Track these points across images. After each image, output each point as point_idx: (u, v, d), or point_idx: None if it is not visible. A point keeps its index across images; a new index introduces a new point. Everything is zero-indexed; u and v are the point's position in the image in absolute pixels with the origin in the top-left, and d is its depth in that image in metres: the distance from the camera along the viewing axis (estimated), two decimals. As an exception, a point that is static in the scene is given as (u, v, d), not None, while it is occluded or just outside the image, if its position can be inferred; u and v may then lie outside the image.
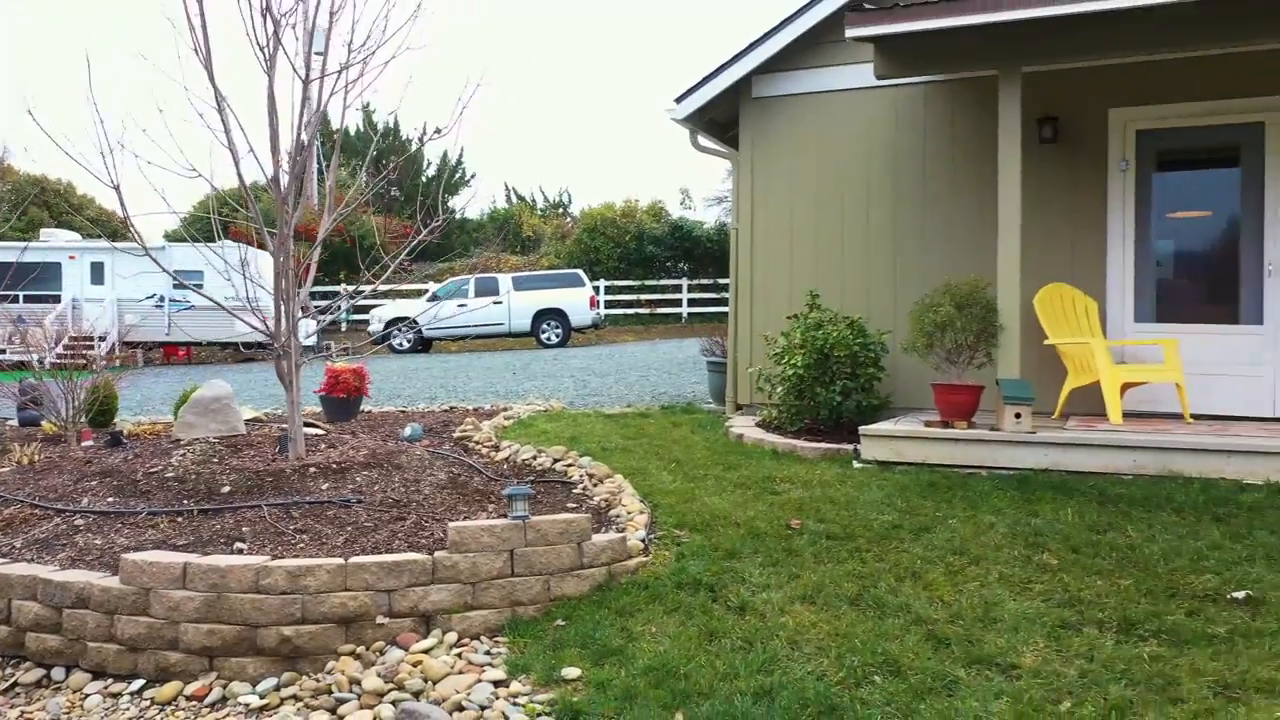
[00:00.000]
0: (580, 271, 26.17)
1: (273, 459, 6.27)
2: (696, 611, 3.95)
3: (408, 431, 7.52)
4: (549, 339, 24.42)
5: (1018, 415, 5.94)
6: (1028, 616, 3.65)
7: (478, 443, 7.43)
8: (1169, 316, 7.49)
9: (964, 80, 7.70)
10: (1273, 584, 3.80)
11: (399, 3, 7.07)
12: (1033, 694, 3.10)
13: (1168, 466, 5.60)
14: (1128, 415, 6.97)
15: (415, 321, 24.08)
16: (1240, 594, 3.71)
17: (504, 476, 6.31)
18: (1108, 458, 5.73)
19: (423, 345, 24.23)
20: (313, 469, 5.90)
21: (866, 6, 6.07)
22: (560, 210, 42.30)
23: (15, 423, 8.79)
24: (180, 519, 5.22)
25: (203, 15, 5.66)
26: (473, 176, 43.98)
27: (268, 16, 5.95)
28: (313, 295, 24.79)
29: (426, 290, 27.51)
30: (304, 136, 6.07)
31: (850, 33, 6.09)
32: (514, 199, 42.61)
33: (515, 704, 3.38)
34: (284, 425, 7.90)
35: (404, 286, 28.27)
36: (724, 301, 29.58)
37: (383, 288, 28.14)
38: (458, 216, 36.78)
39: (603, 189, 63.86)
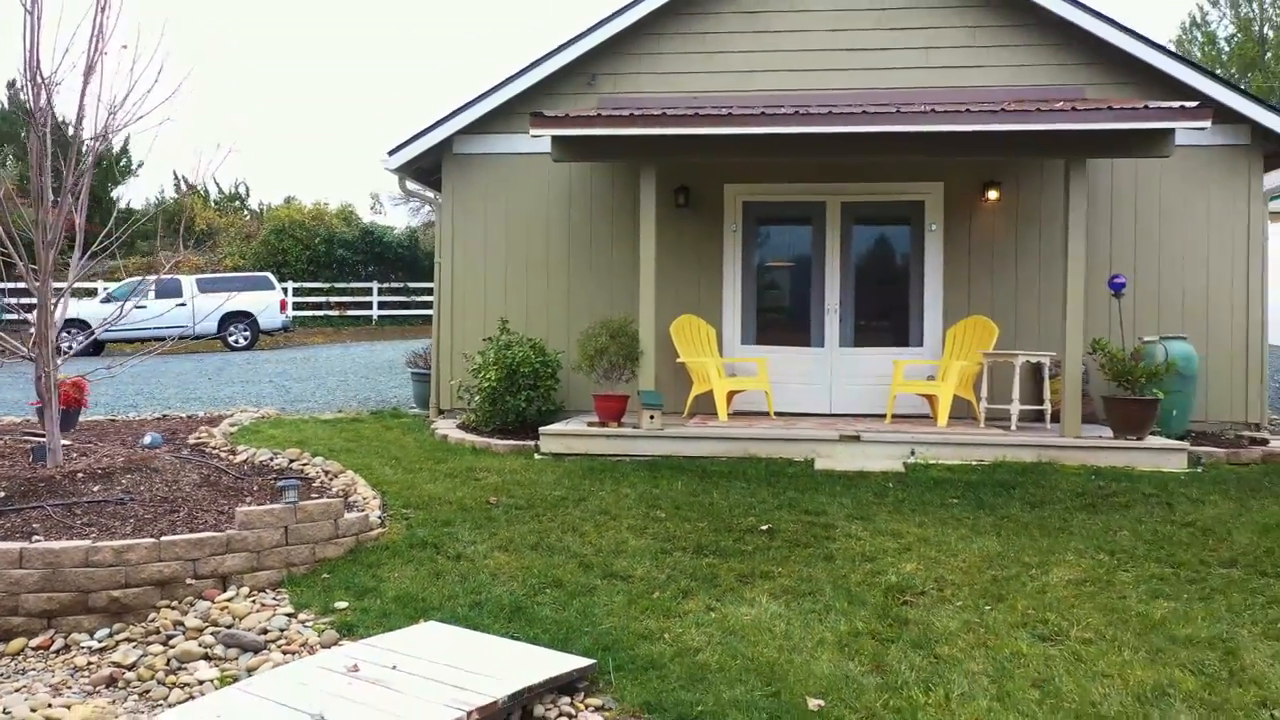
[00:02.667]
0: (270, 274, 26.27)
1: (32, 466, 7.15)
2: (426, 561, 5.68)
3: (148, 439, 8.48)
4: (236, 342, 24.42)
5: (651, 417, 8.20)
6: (642, 549, 5.75)
7: (214, 448, 8.56)
8: (764, 340, 10.16)
9: (620, 156, 9.93)
10: (785, 520, 6.20)
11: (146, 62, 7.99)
12: (638, 590, 5.16)
13: (748, 451, 8.07)
14: (734, 414, 9.50)
15: (87, 324, 23.19)
16: (765, 527, 6.06)
17: (249, 476, 7.59)
18: (710, 446, 8.13)
19: (95, 348, 23.32)
20: (80, 474, 6.90)
21: (546, 114, 8.07)
22: (237, 204, 41.06)
23: None
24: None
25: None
26: (139, 165, 41.50)
27: (34, 83, 6.89)
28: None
29: (95, 289, 26.40)
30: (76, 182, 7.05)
31: (533, 132, 8.07)
32: (184, 188, 40.73)
33: (305, 625, 4.94)
34: (15, 435, 8.55)
35: (72, 285, 26.74)
36: (413, 305, 30.83)
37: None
38: (122, 207, 34.88)
39: (284, 183, 61.97)
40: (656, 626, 4.69)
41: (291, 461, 7.98)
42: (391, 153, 10.07)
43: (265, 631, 4.88)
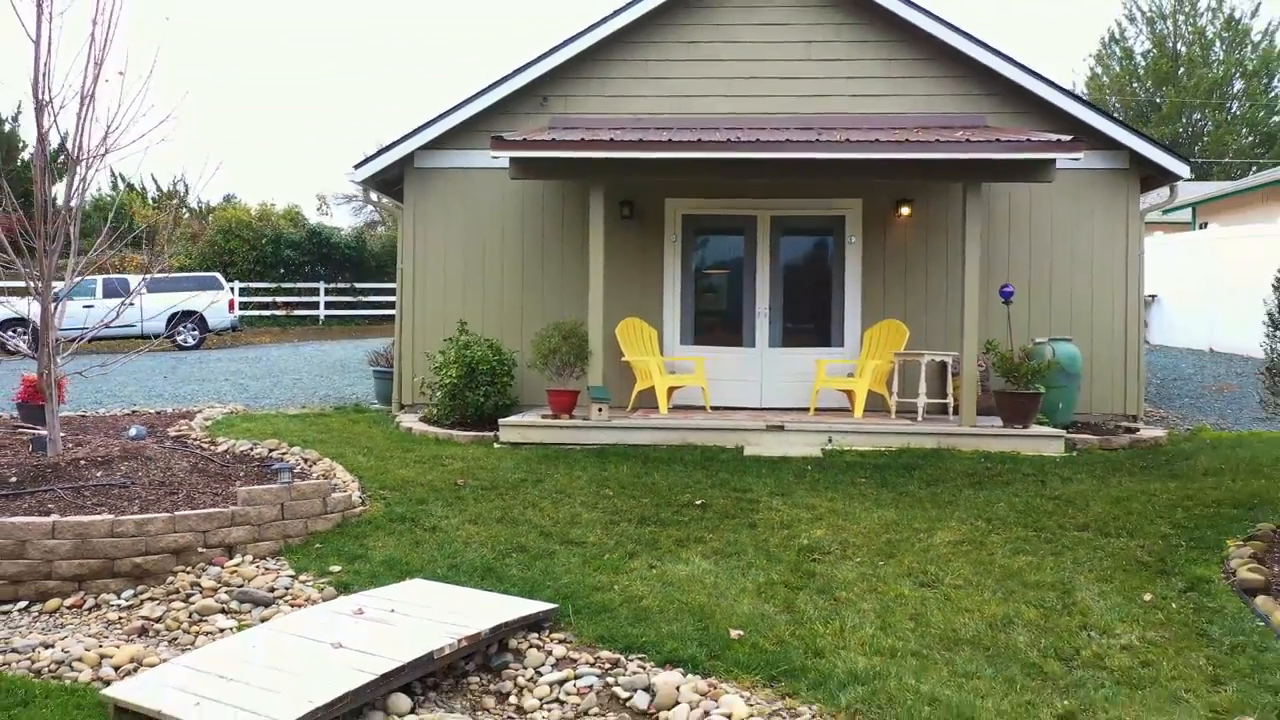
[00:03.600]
0: (218, 275, 26.63)
1: (34, 456, 7.83)
2: (405, 533, 6.53)
3: (133, 432, 9.16)
4: (185, 341, 24.77)
5: (600, 409, 9.12)
6: (594, 520, 6.68)
7: (196, 440, 9.27)
8: (702, 341, 11.14)
9: (570, 173, 10.85)
10: (717, 496, 7.18)
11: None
12: (591, 553, 6.08)
13: (686, 440, 9.05)
14: (674, 408, 10.47)
15: (31, 321, 23.43)
16: (699, 502, 7.03)
17: (233, 464, 8.33)
18: (652, 436, 9.08)
19: (33, 347, 23.41)
20: (81, 461, 7.61)
21: (505, 138, 8.96)
22: (176, 201, 40.93)
23: None
24: (-19, 502, 6.79)
25: None
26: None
27: (39, 108, 7.59)
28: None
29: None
30: (73, 203, 7.75)
31: (493, 154, 8.96)
32: (121, 185, 40.53)
33: (307, 585, 5.76)
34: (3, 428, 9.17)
35: (11, 284, 26.98)
36: (360, 305, 31.33)
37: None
38: (58, 204, 34.84)
39: (223, 182, 61.47)
40: (607, 580, 5.63)
41: (271, 451, 8.74)
42: (357, 166, 10.85)
43: (273, 590, 5.71)
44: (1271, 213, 18.47)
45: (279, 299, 30.81)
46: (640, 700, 4.33)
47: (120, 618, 5.52)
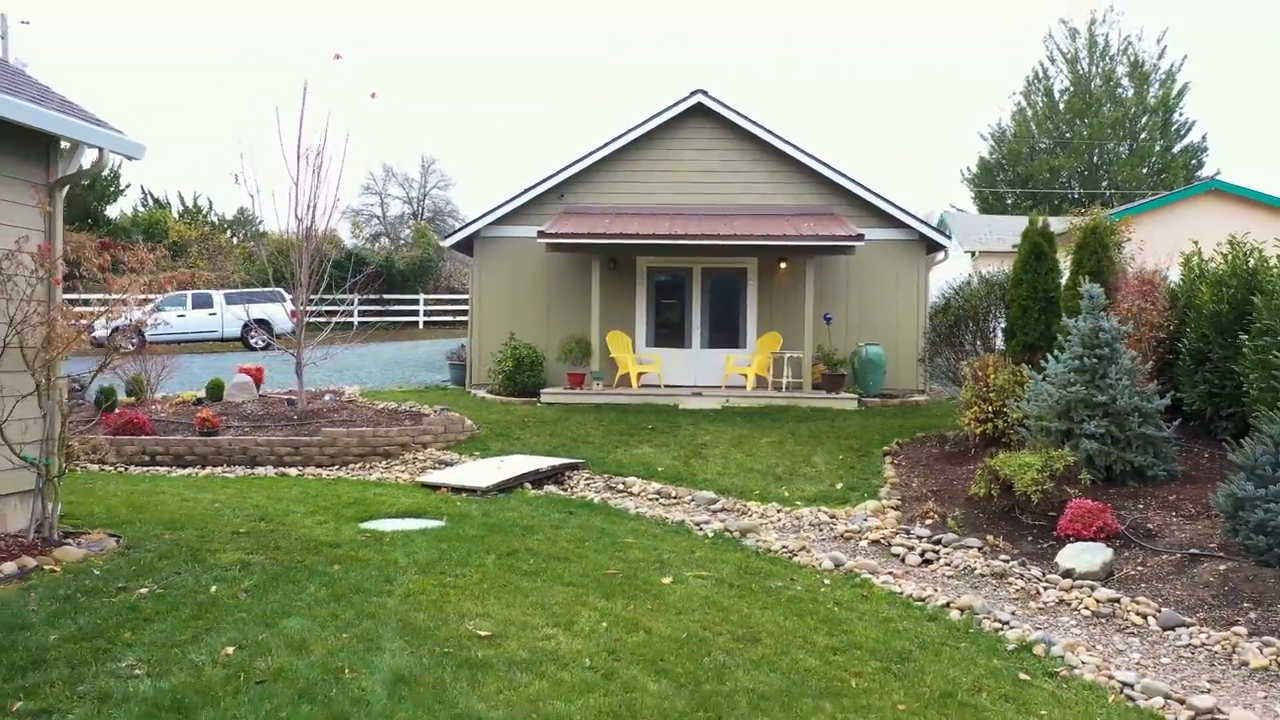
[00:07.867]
0: (281, 289, 33.12)
1: (290, 409, 14.54)
2: (504, 440, 13.27)
3: (328, 398, 15.82)
4: (256, 344, 31.23)
5: (597, 385, 15.92)
6: (597, 434, 13.46)
7: (361, 403, 15.94)
8: (660, 344, 17.95)
9: (578, 240, 17.60)
10: (660, 425, 13.99)
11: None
12: (597, 445, 12.86)
13: (647, 401, 15.85)
14: (641, 385, 17.25)
15: (140, 328, 30.02)
16: (650, 427, 13.85)
17: (394, 413, 15.01)
18: (628, 399, 15.88)
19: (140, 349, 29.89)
20: (322, 410, 14.37)
21: (545, 230, 15.75)
22: (200, 215, 46.47)
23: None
24: (289, 427, 13.50)
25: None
26: (128, 186, 47.01)
27: (299, 219, 14.35)
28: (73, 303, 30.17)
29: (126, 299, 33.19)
30: (313, 258, 14.49)
31: (539, 240, 15.74)
32: (150, 202, 46.16)
33: (465, 457, 12.49)
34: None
35: (111, 296, 33.52)
36: (388, 314, 37.97)
37: (94, 297, 33.12)
38: (111, 222, 40.98)
39: (236, 197, 67.51)
40: (606, 455, 12.39)
41: (411, 407, 15.43)
42: (445, 239, 17.61)
43: (453, 459, 12.43)
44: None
45: (321, 309, 37.19)
46: (620, 487, 11.16)
47: (384, 470, 12.23)
